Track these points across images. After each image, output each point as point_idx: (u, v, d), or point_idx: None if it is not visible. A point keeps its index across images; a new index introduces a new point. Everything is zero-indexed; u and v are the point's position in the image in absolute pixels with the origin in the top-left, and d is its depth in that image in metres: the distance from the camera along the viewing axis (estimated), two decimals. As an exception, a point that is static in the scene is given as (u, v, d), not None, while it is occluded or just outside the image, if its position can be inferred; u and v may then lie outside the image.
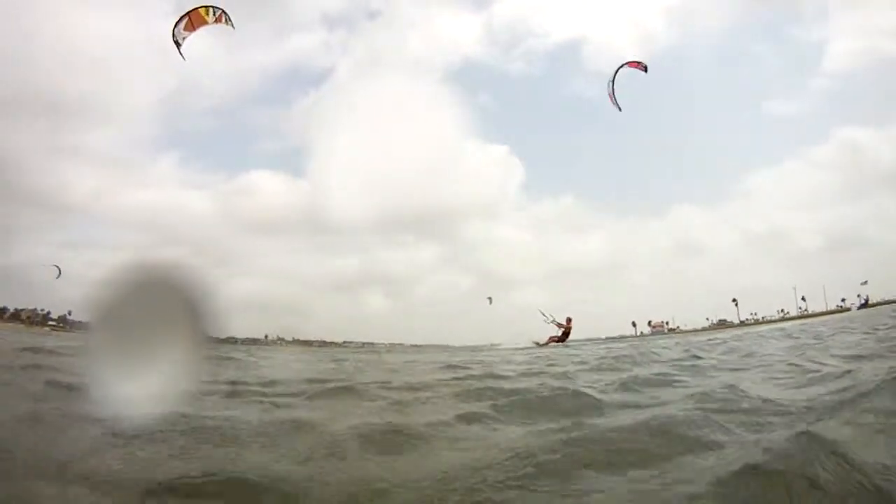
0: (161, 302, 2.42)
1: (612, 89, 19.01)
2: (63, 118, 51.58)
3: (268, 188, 51.74)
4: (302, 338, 42.57)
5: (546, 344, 23.06)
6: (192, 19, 17.69)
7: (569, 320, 24.65)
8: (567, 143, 70.87)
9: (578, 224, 63.53)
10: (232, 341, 38.93)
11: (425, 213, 56.94)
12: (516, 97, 69.54)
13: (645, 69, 19.63)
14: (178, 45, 16.99)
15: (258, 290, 43.67)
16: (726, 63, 65.62)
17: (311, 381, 5.30)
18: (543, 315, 24.53)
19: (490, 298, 39.43)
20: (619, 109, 19.98)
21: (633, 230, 62.35)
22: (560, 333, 24.35)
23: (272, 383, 5.02)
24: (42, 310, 39.15)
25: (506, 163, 60.98)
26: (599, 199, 72.17)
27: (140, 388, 2.41)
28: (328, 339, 43.11)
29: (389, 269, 50.74)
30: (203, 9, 17.78)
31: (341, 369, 8.07)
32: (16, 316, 38.01)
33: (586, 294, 53.36)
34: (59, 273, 32.99)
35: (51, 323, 39.02)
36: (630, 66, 19.39)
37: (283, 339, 42.40)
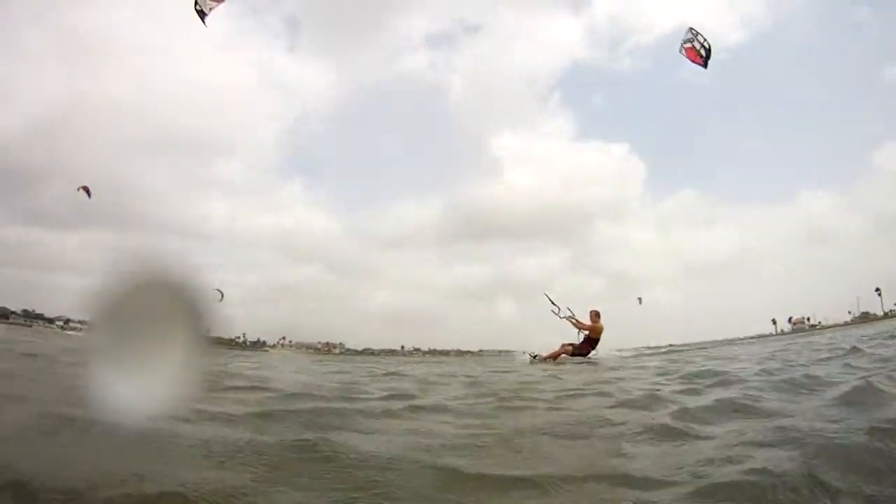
0: (161, 302, 2.15)
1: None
2: (198, 155, 62.88)
3: (398, 207, 54.69)
4: (438, 348, 42.81)
5: (555, 358, 12.54)
6: None
7: (595, 316, 13.50)
8: (683, 136, 64.73)
9: (702, 218, 56.55)
10: (369, 352, 41.69)
11: (552, 217, 55.63)
12: (629, 94, 64.72)
13: (704, 65, 15.99)
14: (202, 15, 15.44)
15: (392, 302, 45.76)
16: (834, 33, 56.71)
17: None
18: (552, 304, 13.95)
19: (640, 298, 32.97)
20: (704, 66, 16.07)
21: (758, 220, 55.26)
22: (580, 338, 13.50)
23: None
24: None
25: (627, 161, 56.15)
26: (721, 189, 64.61)
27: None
28: (464, 349, 42.38)
29: (520, 276, 48.65)
30: None
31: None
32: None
33: (716, 290, 44.70)
34: (222, 297, 37.77)
35: None
36: (688, 57, 16.04)
37: (419, 350, 43.23)
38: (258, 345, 41.80)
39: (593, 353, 13.03)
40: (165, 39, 57.87)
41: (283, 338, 42.85)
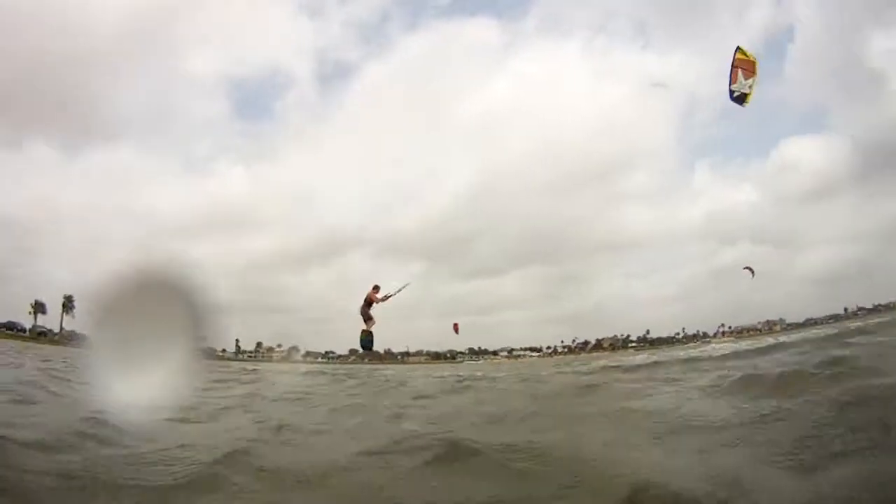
0: (160, 307, 2.24)
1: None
2: (609, 175, 65.78)
3: (800, 156, 50.09)
4: (882, 302, 38.58)
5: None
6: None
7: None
8: None
9: None
10: (811, 322, 38.40)
11: None
12: None
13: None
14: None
15: (823, 262, 43.82)
16: None
17: None
18: None
19: None
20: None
21: None
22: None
23: None
24: (622, 335, 46.48)
25: None
26: None
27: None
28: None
29: None
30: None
31: None
32: (598, 345, 46.39)
33: None
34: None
35: (632, 345, 46.13)
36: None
37: (863, 309, 40.38)
38: (698, 337, 45.24)
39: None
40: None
41: (722, 325, 45.98)
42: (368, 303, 11.52)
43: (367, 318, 11.51)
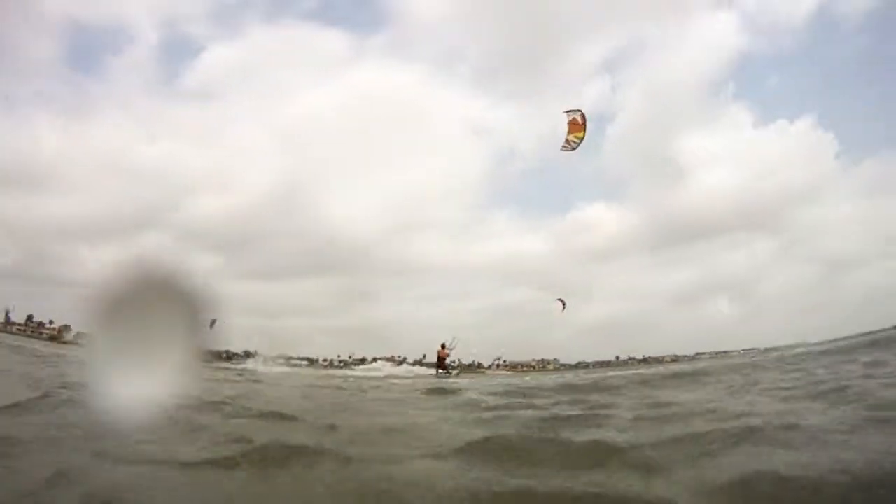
0: (158, 308, 2.27)
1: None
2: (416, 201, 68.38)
3: (597, 219, 56.17)
4: (652, 355, 43.25)
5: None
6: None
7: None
8: (870, 95, 57.72)
9: None
10: (584, 365, 43.91)
11: (751, 208, 50.73)
12: (800, 65, 59.53)
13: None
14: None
15: (603, 314, 48.26)
16: None
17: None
18: None
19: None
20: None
21: None
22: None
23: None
24: (400, 356, 44.40)
25: (814, 135, 51.77)
26: None
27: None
28: (679, 353, 41.94)
29: (728, 272, 46.10)
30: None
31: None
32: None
33: None
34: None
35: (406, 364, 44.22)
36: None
37: (633, 359, 44.29)
38: (474, 367, 45.97)
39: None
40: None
41: (499, 358, 47.42)
42: (441, 358, 21.67)
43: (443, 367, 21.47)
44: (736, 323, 43.67)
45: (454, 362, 22.88)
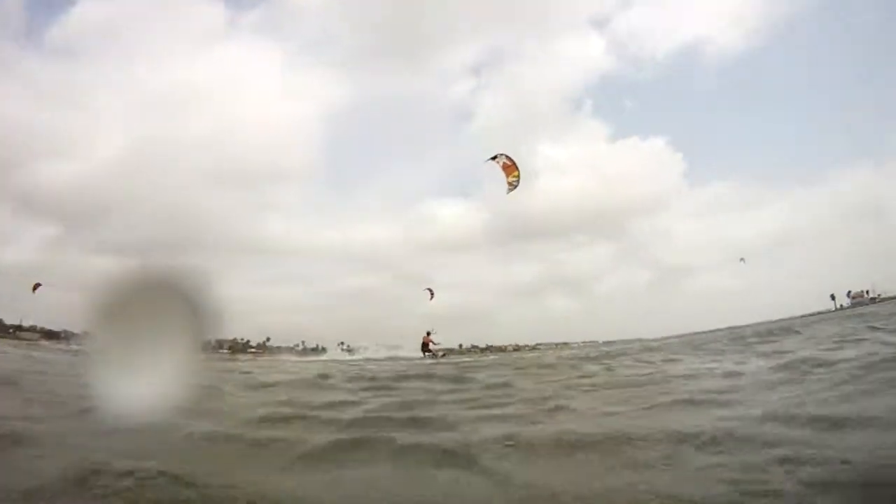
0: (161, 307, 2.21)
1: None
2: (261, 183, 65.19)
3: (448, 213, 56.22)
4: (495, 344, 43.88)
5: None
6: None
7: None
8: (719, 126, 67.53)
9: (745, 203, 59.06)
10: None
11: (597, 214, 56.85)
12: (660, 92, 67.32)
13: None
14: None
15: (448, 303, 47.72)
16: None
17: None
18: None
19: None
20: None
21: (801, 201, 53.91)
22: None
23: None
24: (243, 339, 46.45)
25: (664, 155, 56.09)
26: (762, 175, 64.45)
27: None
28: (521, 343, 43.08)
29: (569, 271, 51.90)
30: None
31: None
32: (220, 345, 45.98)
33: (769, 272, 45.30)
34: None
35: (251, 350, 44.94)
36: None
37: (477, 347, 44.55)
38: (318, 350, 43.75)
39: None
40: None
41: (342, 342, 45.38)
42: (425, 344, 25.86)
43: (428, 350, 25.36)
44: (575, 317, 46.73)
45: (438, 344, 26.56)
